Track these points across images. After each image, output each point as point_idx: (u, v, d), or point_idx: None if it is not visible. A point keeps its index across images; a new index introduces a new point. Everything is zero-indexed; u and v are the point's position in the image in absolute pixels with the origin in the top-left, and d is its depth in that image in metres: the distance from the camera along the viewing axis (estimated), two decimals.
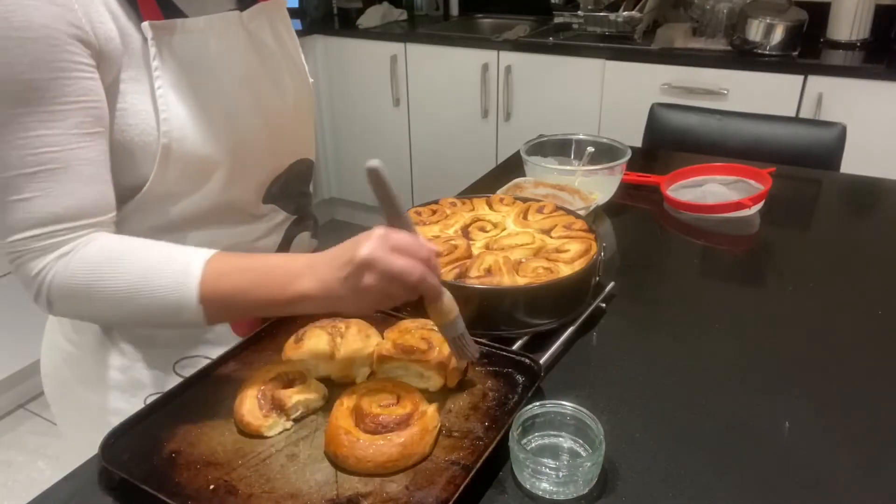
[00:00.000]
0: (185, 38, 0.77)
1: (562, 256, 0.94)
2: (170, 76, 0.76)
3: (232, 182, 0.84)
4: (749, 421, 0.78)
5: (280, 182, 0.92)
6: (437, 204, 1.12)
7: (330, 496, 0.64)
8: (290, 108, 0.91)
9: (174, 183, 0.80)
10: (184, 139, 0.77)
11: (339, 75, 3.22)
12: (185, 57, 0.77)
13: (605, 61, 2.58)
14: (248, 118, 0.84)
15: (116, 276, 0.71)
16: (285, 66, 0.91)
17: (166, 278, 0.70)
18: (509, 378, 0.80)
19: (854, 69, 2.29)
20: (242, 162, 0.84)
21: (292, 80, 0.92)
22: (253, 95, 0.85)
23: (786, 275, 1.12)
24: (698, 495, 0.68)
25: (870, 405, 0.80)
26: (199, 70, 0.79)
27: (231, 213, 0.88)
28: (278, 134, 0.89)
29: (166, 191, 0.80)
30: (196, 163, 0.80)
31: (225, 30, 0.82)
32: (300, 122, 0.94)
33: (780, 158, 1.54)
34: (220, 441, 0.71)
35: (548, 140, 1.42)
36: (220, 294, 0.71)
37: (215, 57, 0.81)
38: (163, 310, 0.71)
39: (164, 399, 0.77)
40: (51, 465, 2.14)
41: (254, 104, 0.85)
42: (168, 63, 0.76)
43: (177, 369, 0.85)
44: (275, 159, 0.91)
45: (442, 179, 3.14)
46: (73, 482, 0.72)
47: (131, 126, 0.75)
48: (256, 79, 0.86)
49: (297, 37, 0.97)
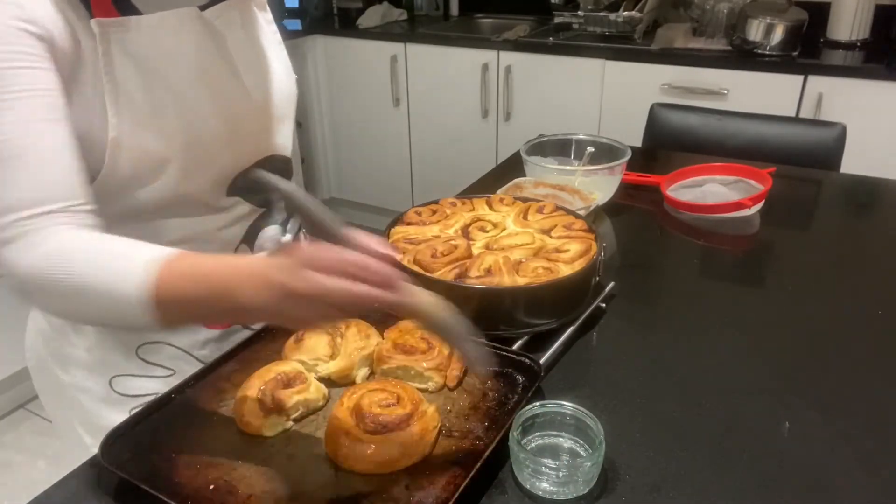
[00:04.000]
0: (137, 34, 0.78)
1: (562, 256, 0.94)
2: (119, 72, 0.76)
3: (188, 176, 0.84)
4: (749, 421, 0.78)
5: (248, 177, 0.92)
6: (437, 204, 1.12)
7: (330, 496, 0.64)
8: (258, 104, 0.91)
9: (127, 175, 0.80)
10: (133, 134, 0.78)
11: (339, 75, 3.22)
12: (137, 53, 0.78)
13: (605, 61, 2.58)
14: (203, 114, 0.84)
15: (70, 275, 0.68)
16: (252, 63, 0.90)
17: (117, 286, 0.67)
18: (509, 378, 0.80)
19: (854, 69, 2.29)
20: (198, 157, 0.84)
21: (259, 77, 0.91)
22: (210, 92, 0.84)
23: (786, 275, 1.12)
24: (698, 495, 0.68)
25: (870, 405, 0.80)
26: (150, 66, 0.79)
27: (191, 204, 0.87)
28: (238, 130, 0.88)
29: (120, 182, 0.80)
30: (147, 157, 0.80)
31: (179, 26, 0.82)
32: (271, 119, 0.93)
33: (780, 158, 1.54)
34: (220, 441, 0.71)
35: (548, 140, 1.42)
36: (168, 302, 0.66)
37: (168, 53, 0.81)
38: (115, 314, 0.69)
39: (164, 398, 0.77)
40: (51, 465, 2.14)
41: (210, 100, 0.85)
42: (117, 59, 0.76)
43: (140, 353, 0.85)
44: (236, 155, 0.90)
45: (442, 179, 3.14)
46: (73, 482, 0.72)
47: (81, 119, 0.76)
48: (215, 75, 0.85)
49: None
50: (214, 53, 0.85)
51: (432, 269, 0.92)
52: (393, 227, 1.05)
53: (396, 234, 1.03)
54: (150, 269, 0.65)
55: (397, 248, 0.99)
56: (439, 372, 0.78)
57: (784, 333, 0.95)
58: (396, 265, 0.63)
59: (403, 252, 0.97)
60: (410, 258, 0.95)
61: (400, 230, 1.04)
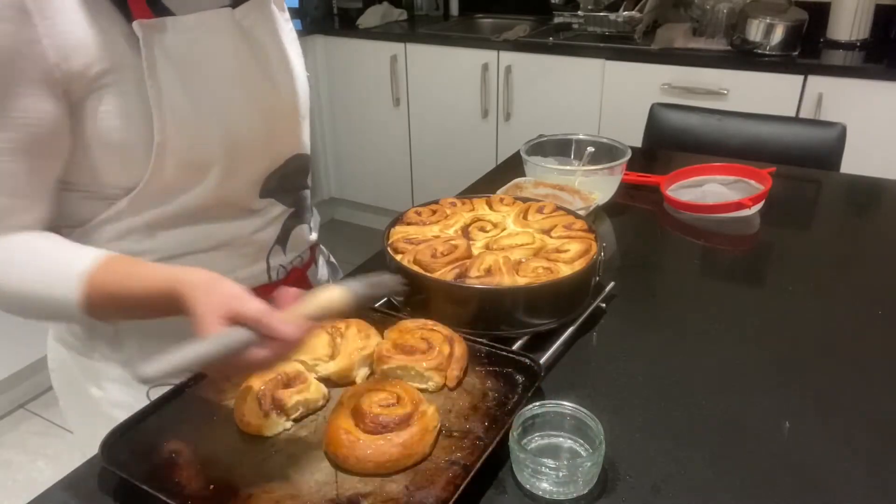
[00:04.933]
0: (175, 36, 0.77)
1: (562, 256, 0.94)
2: (161, 75, 0.76)
3: (228, 178, 0.84)
4: (749, 421, 0.78)
5: (277, 176, 0.92)
6: (437, 204, 1.11)
7: (330, 496, 0.64)
8: (286, 104, 0.91)
9: (171, 180, 0.80)
10: (178, 137, 0.77)
11: (339, 75, 3.22)
12: (177, 55, 0.77)
13: (605, 61, 2.58)
14: (242, 115, 0.84)
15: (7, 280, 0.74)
16: (280, 62, 0.91)
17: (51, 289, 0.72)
18: (509, 378, 0.80)
19: (854, 69, 2.29)
20: (238, 158, 0.84)
21: (287, 76, 0.92)
22: (247, 92, 0.85)
23: (786, 275, 1.12)
24: (698, 495, 0.68)
25: (870, 405, 0.80)
26: (191, 68, 0.79)
27: (227, 207, 0.88)
28: (274, 130, 0.89)
29: (163, 188, 0.80)
30: (192, 160, 0.80)
31: (216, 27, 0.81)
32: (296, 118, 0.94)
33: (780, 158, 1.54)
34: (220, 441, 0.71)
35: (548, 140, 1.42)
36: (101, 310, 0.73)
37: (207, 54, 0.80)
38: (53, 314, 0.76)
39: (164, 399, 0.77)
40: (51, 465, 2.14)
41: (248, 101, 0.85)
42: (159, 62, 0.76)
43: None
44: (271, 155, 0.91)
45: (442, 179, 3.14)
46: (73, 482, 0.72)
47: (117, 128, 0.75)
48: (250, 75, 0.85)
49: (297, 37, 0.97)
50: (248, 53, 0.85)
51: (432, 269, 0.92)
52: (393, 227, 1.05)
53: (396, 234, 1.03)
54: (83, 276, 0.71)
55: (397, 247, 0.99)
56: (439, 372, 0.78)
57: (784, 333, 0.95)
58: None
59: (403, 252, 0.97)
60: (410, 258, 0.95)
61: (400, 230, 1.04)
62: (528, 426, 0.72)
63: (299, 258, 0.99)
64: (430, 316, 0.87)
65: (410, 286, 0.89)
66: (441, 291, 0.90)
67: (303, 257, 1.01)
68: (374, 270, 1.06)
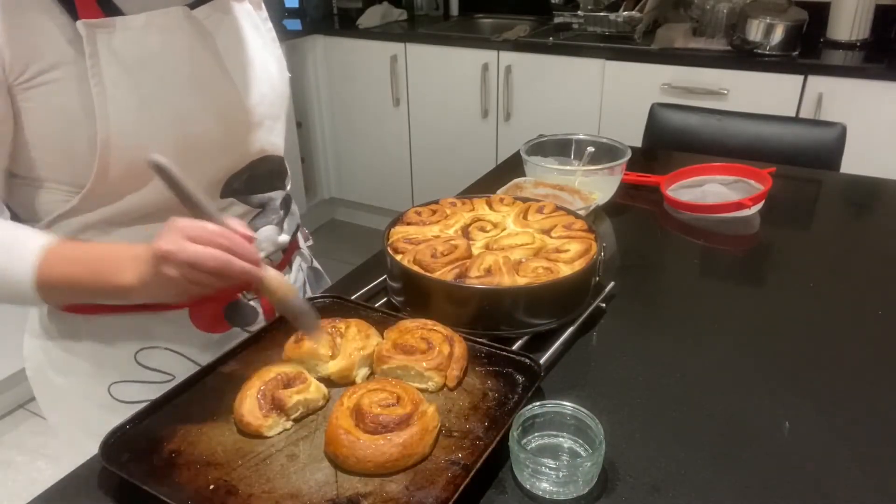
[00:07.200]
0: (124, 35, 0.77)
1: (562, 256, 0.94)
2: (106, 74, 0.76)
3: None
4: (749, 421, 0.78)
5: (243, 178, 0.91)
6: (437, 204, 1.11)
7: (330, 496, 0.64)
8: (251, 104, 0.90)
9: (118, 179, 0.80)
10: (123, 137, 0.77)
11: (339, 75, 3.22)
12: (125, 54, 0.77)
13: (605, 61, 2.58)
14: (196, 115, 0.83)
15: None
16: (242, 63, 0.89)
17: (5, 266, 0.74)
18: (509, 378, 0.80)
19: (854, 69, 2.29)
20: (192, 159, 0.83)
21: (257, 77, 0.90)
22: (202, 92, 0.84)
23: (786, 275, 1.12)
24: (698, 495, 0.68)
25: (870, 405, 0.80)
26: (140, 67, 0.78)
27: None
28: (232, 131, 0.88)
29: (111, 187, 0.80)
30: (138, 159, 0.79)
31: (168, 26, 0.81)
32: (264, 119, 0.93)
33: (780, 158, 1.54)
34: (220, 441, 0.71)
35: (548, 140, 1.42)
36: (53, 282, 0.74)
37: (158, 54, 0.80)
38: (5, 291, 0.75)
39: (164, 399, 0.77)
40: (51, 465, 2.14)
41: (203, 101, 0.84)
42: (105, 60, 0.75)
43: (138, 359, 0.85)
44: (231, 156, 0.90)
45: (442, 179, 3.14)
46: (73, 482, 0.72)
47: (58, 126, 0.76)
48: (206, 76, 0.84)
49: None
50: (205, 53, 0.84)
51: (432, 269, 0.92)
52: (393, 227, 1.05)
53: (396, 234, 1.03)
54: (41, 245, 0.73)
55: (397, 247, 0.99)
56: (439, 372, 0.78)
57: (784, 333, 0.95)
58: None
59: (403, 252, 0.97)
60: (410, 258, 0.95)
61: (400, 230, 1.04)
62: (528, 426, 0.72)
63: (267, 259, 0.98)
64: (430, 316, 0.87)
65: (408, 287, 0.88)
66: (441, 291, 0.90)
67: (272, 259, 0.98)
68: (374, 270, 1.07)
